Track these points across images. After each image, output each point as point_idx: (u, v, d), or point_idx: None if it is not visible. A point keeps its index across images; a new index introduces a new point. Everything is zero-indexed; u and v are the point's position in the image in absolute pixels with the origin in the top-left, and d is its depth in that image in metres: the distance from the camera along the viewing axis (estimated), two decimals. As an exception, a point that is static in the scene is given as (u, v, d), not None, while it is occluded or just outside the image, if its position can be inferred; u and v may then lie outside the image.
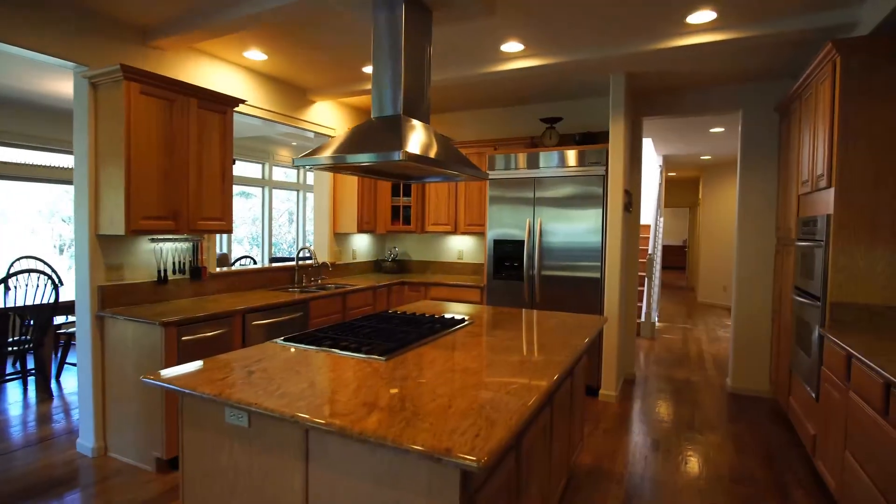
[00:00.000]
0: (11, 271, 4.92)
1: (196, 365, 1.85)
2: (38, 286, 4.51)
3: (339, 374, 1.78)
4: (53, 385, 4.48)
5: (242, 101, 3.62)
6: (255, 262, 5.95)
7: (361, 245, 5.67)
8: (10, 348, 4.05)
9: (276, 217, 8.47)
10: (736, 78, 4.25)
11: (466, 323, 2.71)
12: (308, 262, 4.82)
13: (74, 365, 4.77)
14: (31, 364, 4.84)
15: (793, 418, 3.44)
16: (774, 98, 4.31)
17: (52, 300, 4.17)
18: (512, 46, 3.64)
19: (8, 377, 4.19)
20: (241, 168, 7.70)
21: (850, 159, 2.75)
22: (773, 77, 4.21)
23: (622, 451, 3.26)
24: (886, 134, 2.67)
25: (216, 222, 3.47)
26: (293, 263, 4.63)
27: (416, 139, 2.20)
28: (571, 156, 4.31)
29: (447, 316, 2.93)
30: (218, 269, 3.90)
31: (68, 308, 4.41)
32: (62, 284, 4.84)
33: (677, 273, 15.27)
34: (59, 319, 4.88)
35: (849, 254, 2.77)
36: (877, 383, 2.04)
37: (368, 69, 4.17)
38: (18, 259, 5.23)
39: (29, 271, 4.43)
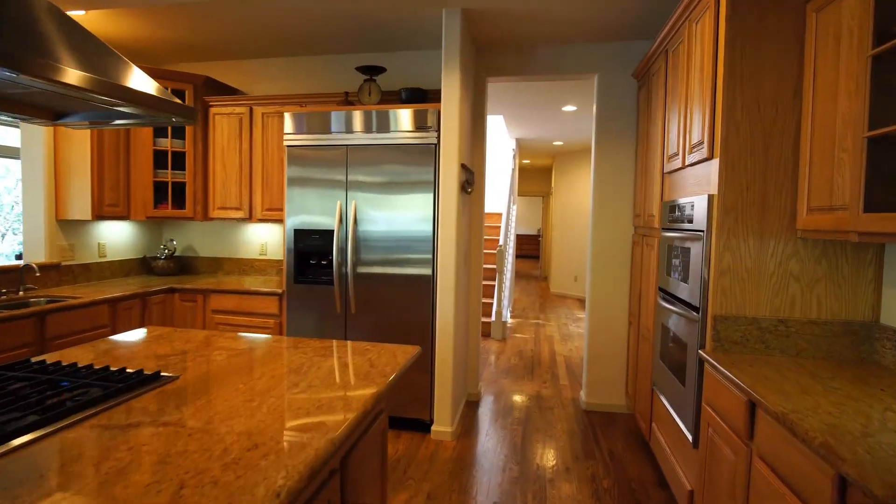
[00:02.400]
0: None
1: None
2: None
3: None
4: None
5: None
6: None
7: (118, 237, 4.03)
8: None
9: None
10: (594, 35, 3.50)
11: (154, 385, 1.46)
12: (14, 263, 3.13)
13: None
14: None
15: (657, 452, 2.76)
16: (634, 62, 3.66)
17: None
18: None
19: None
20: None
21: (737, 120, 2.00)
22: (633, 37, 3.54)
23: (449, 533, 2.28)
24: (781, 87, 1.97)
25: None
26: (-36, 267, 2.92)
27: None
28: (397, 117, 3.22)
29: (132, 369, 1.64)
30: None
31: None
32: None
33: (533, 262, 15.36)
34: None
35: (735, 249, 2.04)
36: (824, 475, 1.23)
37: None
38: None
39: None
